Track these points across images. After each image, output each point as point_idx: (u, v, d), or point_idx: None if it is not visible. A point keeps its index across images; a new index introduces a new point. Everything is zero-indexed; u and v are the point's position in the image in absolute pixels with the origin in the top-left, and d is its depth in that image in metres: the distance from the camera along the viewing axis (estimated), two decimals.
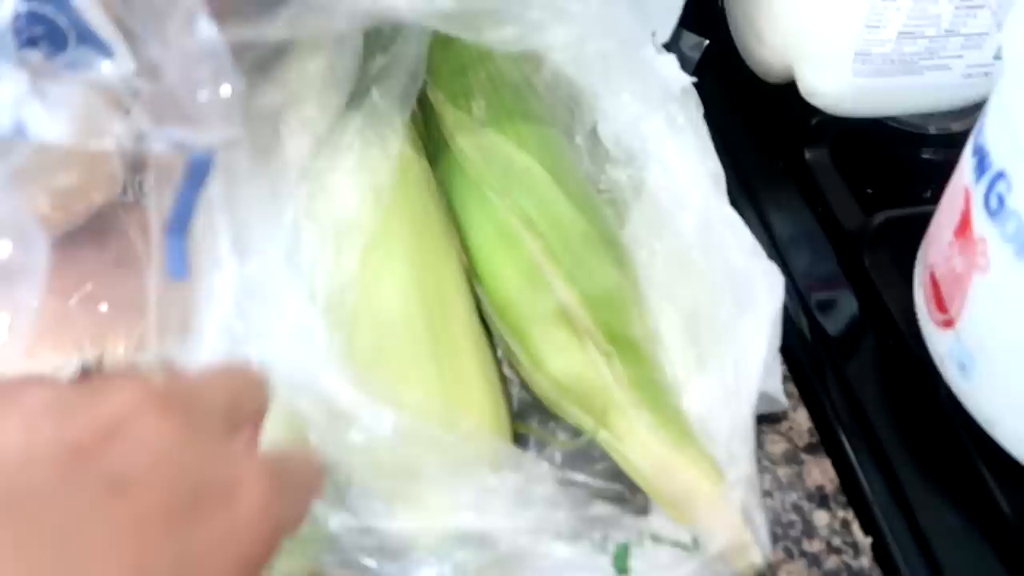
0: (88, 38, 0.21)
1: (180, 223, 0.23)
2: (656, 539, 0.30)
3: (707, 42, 0.48)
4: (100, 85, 0.21)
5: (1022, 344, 0.31)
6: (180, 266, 0.24)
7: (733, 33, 0.53)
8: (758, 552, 0.29)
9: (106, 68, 0.21)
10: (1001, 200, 0.30)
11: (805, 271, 0.45)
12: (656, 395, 0.32)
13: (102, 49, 0.21)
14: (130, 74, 0.21)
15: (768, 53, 0.49)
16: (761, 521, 0.30)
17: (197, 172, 0.23)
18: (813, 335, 0.42)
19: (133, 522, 0.16)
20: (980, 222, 0.31)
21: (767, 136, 0.52)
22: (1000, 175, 0.30)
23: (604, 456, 0.34)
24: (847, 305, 0.44)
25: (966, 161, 0.33)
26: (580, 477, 0.34)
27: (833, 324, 0.42)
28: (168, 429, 0.18)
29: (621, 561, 0.30)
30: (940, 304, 0.35)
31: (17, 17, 0.20)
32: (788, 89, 0.50)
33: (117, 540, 0.16)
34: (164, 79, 0.22)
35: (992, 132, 0.31)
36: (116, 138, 0.21)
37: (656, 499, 0.32)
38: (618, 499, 0.33)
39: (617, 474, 0.33)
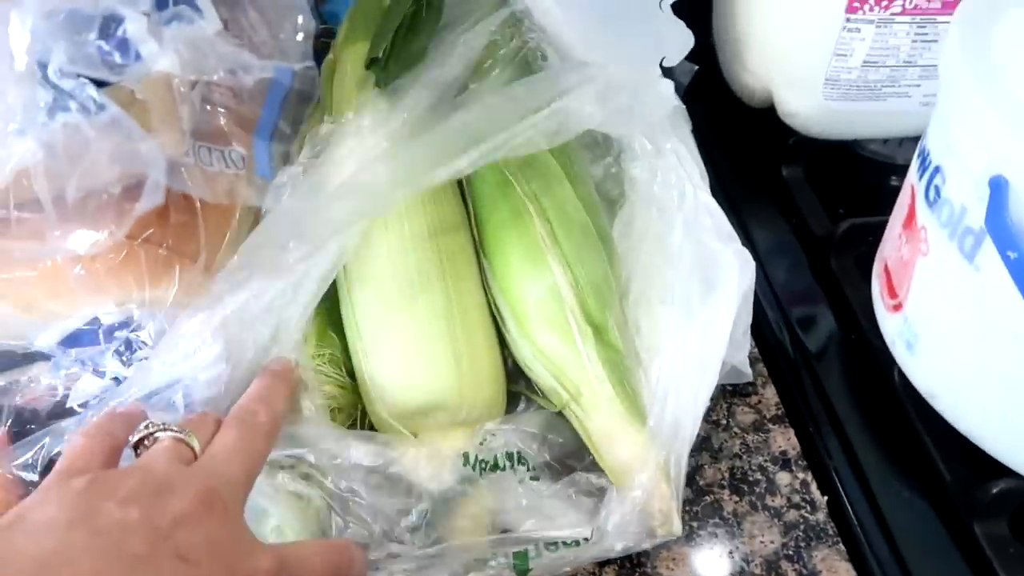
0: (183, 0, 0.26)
1: (266, 129, 0.28)
2: (550, 544, 0.34)
3: (697, 68, 0.53)
4: (196, 35, 0.26)
5: (956, 318, 0.36)
6: (266, 167, 0.28)
7: (720, 61, 0.58)
8: (679, 523, 0.33)
9: (199, 23, 0.26)
10: (938, 191, 0.35)
11: (780, 273, 0.50)
12: (620, 375, 0.36)
13: (195, 9, 0.26)
14: (219, 28, 0.26)
15: (750, 79, 0.55)
16: (679, 493, 0.34)
17: (278, 87, 0.28)
18: (784, 326, 0.47)
19: None
20: (922, 212, 0.36)
21: (748, 154, 0.57)
22: (937, 170, 0.35)
23: None
24: (816, 304, 0.48)
25: (913, 163, 0.38)
26: (558, 440, 0.38)
27: (803, 319, 0.47)
28: (215, 521, 0.26)
29: (522, 563, 0.33)
30: (891, 291, 0.40)
31: None
32: (768, 112, 0.55)
33: None
34: (251, 25, 0.27)
35: (932, 135, 0.36)
36: (214, 70, 0.26)
37: (602, 464, 0.36)
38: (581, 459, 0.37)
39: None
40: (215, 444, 0.29)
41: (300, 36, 0.30)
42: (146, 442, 0.29)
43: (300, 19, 0.29)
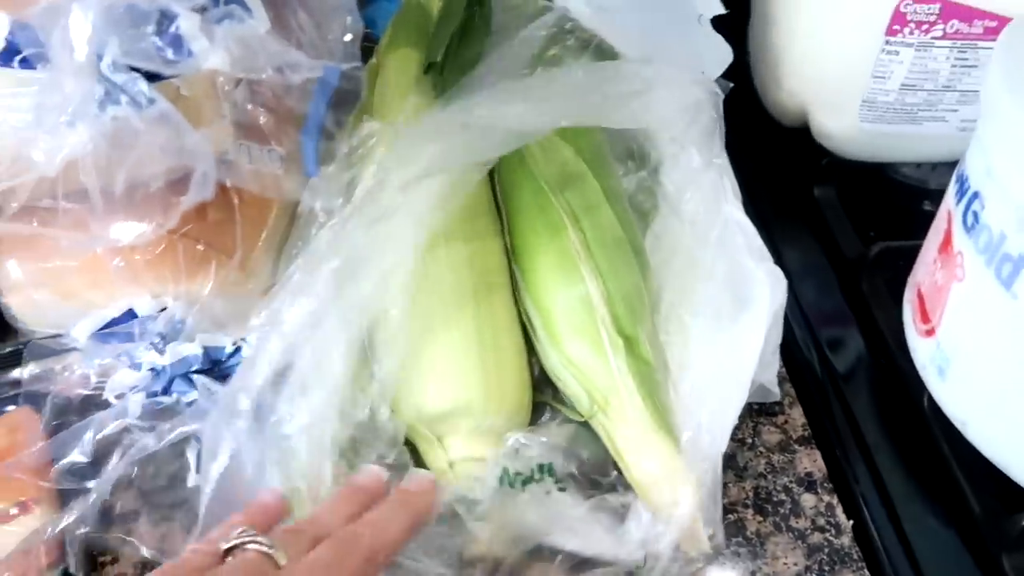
0: None
1: (314, 127, 0.29)
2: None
3: (732, 85, 0.53)
4: (247, 34, 0.27)
5: (990, 345, 0.35)
6: (312, 165, 0.29)
7: (755, 78, 0.58)
8: (706, 542, 0.33)
9: (248, 22, 0.26)
10: (976, 216, 0.34)
11: (810, 293, 0.50)
12: (650, 388, 0.36)
13: (245, 8, 0.27)
14: (268, 27, 0.27)
15: (785, 98, 0.55)
16: (718, 503, 0.34)
17: (326, 86, 0.28)
18: (813, 346, 0.46)
19: None
20: (959, 237, 0.36)
21: (781, 173, 0.57)
22: (976, 195, 0.35)
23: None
24: (846, 326, 0.48)
25: (950, 188, 0.38)
26: (584, 454, 0.38)
27: (832, 340, 0.47)
28: None
29: None
30: (924, 315, 0.40)
31: None
32: (801, 131, 0.55)
33: None
34: (300, 26, 0.28)
35: (971, 160, 0.36)
36: (263, 69, 0.27)
37: (630, 479, 0.35)
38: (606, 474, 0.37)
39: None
40: (303, 560, 0.27)
41: (348, 37, 0.30)
42: (235, 552, 0.27)
43: (348, 20, 0.30)
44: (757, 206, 0.54)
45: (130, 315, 0.35)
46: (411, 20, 0.47)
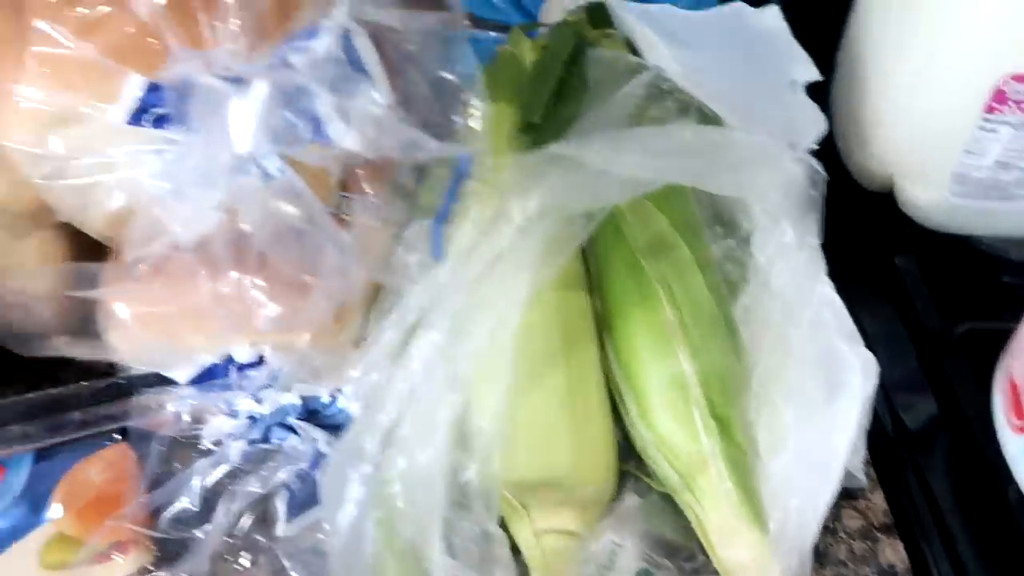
0: (361, 70, 0.27)
1: (444, 213, 0.29)
2: None
3: (815, 146, 0.53)
4: (378, 114, 0.27)
5: None
6: (438, 249, 0.29)
7: (837, 139, 0.57)
8: None
9: (372, 96, 0.27)
10: None
11: (889, 368, 0.48)
12: (742, 474, 0.36)
13: (369, 81, 0.27)
14: (390, 102, 0.27)
15: (871, 163, 0.54)
16: None
17: (460, 174, 0.29)
18: (894, 427, 0.45)
19: None
20: None
21: (860, 238, 0.56)
22: None
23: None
24: (926, 404, 0.47)
25: None
26: (668, 533, 0.37)
27: (912, 419, 0.46)
28: None
29: None
30: (1019, 411, 0.39)
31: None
32: (884, 196, 0.54)
33: None
34: (422, 104, 0.28)
35: None
36: (392, 149, 0.27)
37: (716, 563, 0.35)
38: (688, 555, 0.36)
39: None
40: None
41: (476, 124, 0.30)
42: None
43: (475, 102, 0.30)
44: (835, 270, 0.54)
45: (229, 362, 0.36)
46: (505, 73, 0.47)
